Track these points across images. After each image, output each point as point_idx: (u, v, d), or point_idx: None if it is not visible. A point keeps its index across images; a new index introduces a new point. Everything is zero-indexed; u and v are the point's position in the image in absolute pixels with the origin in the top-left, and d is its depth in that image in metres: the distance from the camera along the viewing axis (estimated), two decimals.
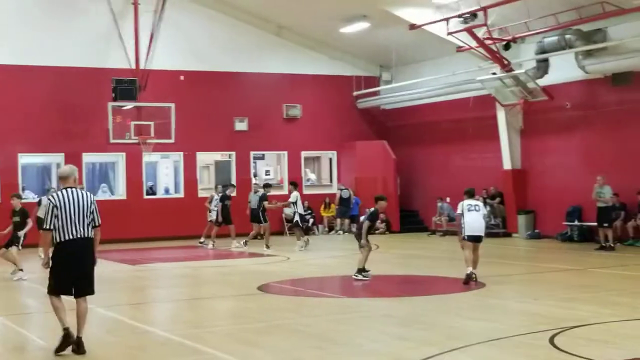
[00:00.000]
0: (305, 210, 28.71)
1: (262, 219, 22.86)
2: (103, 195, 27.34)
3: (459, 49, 24.25)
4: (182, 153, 27.76)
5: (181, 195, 28.09)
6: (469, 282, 14.43)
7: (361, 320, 11.30)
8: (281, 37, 29.02)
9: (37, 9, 25.75)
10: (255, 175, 30.10)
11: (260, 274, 16.78)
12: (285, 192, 28.90)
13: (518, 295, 13.49)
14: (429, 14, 23.64)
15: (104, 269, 18.58)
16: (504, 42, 23.22)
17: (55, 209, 9.06)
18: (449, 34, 23.05)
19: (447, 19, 22.76)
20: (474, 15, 21.89)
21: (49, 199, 9.27)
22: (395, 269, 17.79)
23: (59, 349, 9.14)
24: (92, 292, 9.35)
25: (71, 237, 9.04)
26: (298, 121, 29.43)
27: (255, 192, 24.58)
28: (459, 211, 15.22)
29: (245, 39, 28.41)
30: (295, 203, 22.83)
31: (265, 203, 23.02)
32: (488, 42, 23.00)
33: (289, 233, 27.87)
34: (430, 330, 10.25)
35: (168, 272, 18.53)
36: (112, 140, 25.45)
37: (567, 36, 22.06)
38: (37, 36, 25.64)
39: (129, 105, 25.74)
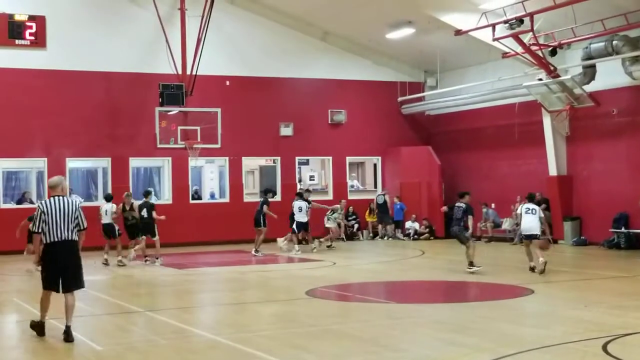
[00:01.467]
0: (350, 216, 28.81)
1: (262, 222, 23.16)
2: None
3: (505, 55, 24.13)
4: (227, 158, 27.93)
5: (226, 200, 28.25)
6: (533, 271, 16.74)
7: (412, 326, 11.27)
8: (326, 42, 29.09)
9: (86, 16, 26.15)
10: (300, 181, 30.20)
11: (307, 279, 16.85)
12: (330, 197, 29.05)
13: (568, 301, 13.35)
14: (475, 20, 23.52)
15: (151, 273, 18.83)
16: (550, 48, 23.05)
17: (43, 215, 10.21)
18: (495, 39, 22.93)
19: (493, 25, 22.63)
20: (520, 21, 21.73)
21: (38, 206, 10.36)
22: (442, 275, 17.73)
23: (32, 325, 10.69)
24: (78, 287, 10.53)
25: (57, 239, 10.19)
26: (343, 126, 29.47)
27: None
28: (517, 212, 17.82)
29: (291, 44, 28.54)
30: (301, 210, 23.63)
31: (265, 207, 23.23)
32: (534, 47, 22.83)
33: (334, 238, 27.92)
34: (481, 336, 10.19)
35: (215, 276, 18.68)
36: (158, 145, 25.68)
37: (614, 42, 21.81)
38: (86, 42, 26.01)
39: (175, 110, 25.96)
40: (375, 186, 30.95)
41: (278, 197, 28.44)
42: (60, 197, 10.35)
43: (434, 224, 28.16)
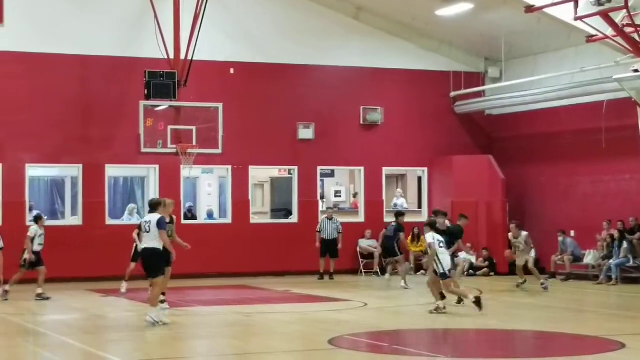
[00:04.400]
0: None
1: (397, 251, 24.14)
2: (129, 219, 27.62)
3: (590, 39, 24.02)
4: (230, 167, 27.99)
5: (228, 221, 28.29)
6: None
7: None
8: (359, 21, 29.12)
9: None
10: (322, 198, 30.17)
11: (330, 324, 16.81)
12: (361, 219, 28.99)
13: None
14: None
15: (132, 313, 18.85)
16: None
17: None
18: (577, 19, 22.84)
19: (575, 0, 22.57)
20: None
21: None
22: (505, 322, 17.63)
23: None
24: None
25: None
26: (378, 128, 29.46)
27: (330, 219, 24.95)
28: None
29: (314, 22, 28.60)
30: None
31: (402, 235, 24.17)
32: (629, 29, 22.70)
33: (365, 272, 27.90)
34: None
35: (212, 319, 18.68)
36: (143, 150, 25.78)
37: None
38: (54, 17, 26.21)
39: (164, 106, 26.05)
40: (420, 206, 30.87)
41: (295, 218, 28.48)
42: None
43: (495, 256, 28.01)
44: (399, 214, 24.76)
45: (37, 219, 22.01)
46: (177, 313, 19.15)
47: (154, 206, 16.93)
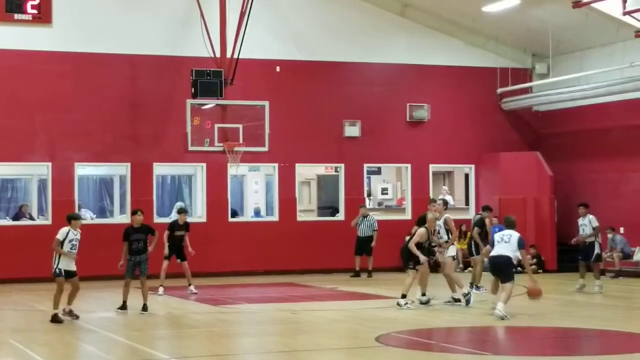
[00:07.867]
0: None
1: (474, 250, 22.71)
2: (176, 217, 27.74)
3: (639, 33, 23.79)
4: (276, 165, 28.04)
5: (275, 218, 28.35)
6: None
7: None
8: (405, 18, 29.05)
9: None
10: (369, 195, 30.14)
11: (376, 322, 16.81)
12: (408, 216, 28.84)
13: None
14: None
15: (179, 310, 18.94)
16: None
17: None
18: (626, 13, 22.67)
19: None
20: None
21: None
22: (554, 319, 17.52)
23: None
24: None
25: None
26: (425, 125, 29.36)
27: (364, 216, 24.86)
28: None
29: (360, 20, 28.56)
30: None
31: (476, 231, 22.86)
32: None
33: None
34: None
35: (259, 316, 18.69)
36: (190, 148, 25.93)
37: None
38: (101, 17, 26.36)
39: (211, 104, 26.18)
40: (467, 203, 30.73)
41: (341, 216, 28.45)
42: None
43: (544, 253, 27.82)
44: (486, 208, 23.76)
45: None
46: (224, 310, 19.24)
47: (511, 224, 18.51)
